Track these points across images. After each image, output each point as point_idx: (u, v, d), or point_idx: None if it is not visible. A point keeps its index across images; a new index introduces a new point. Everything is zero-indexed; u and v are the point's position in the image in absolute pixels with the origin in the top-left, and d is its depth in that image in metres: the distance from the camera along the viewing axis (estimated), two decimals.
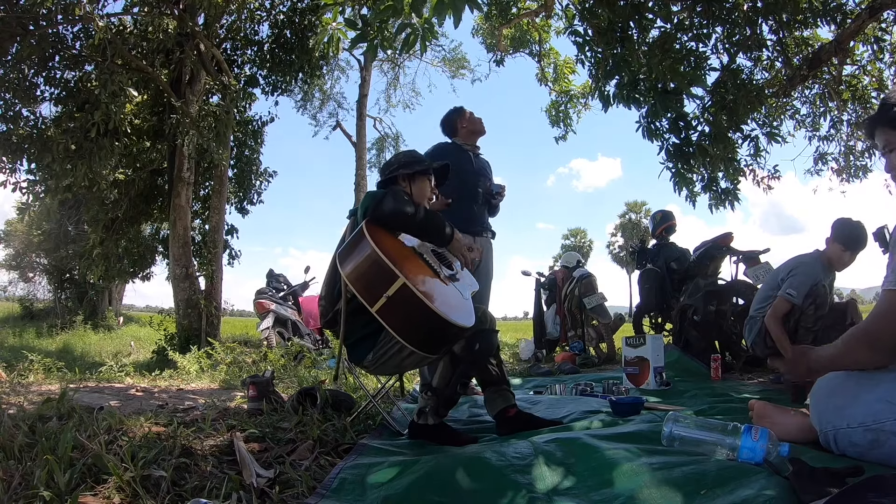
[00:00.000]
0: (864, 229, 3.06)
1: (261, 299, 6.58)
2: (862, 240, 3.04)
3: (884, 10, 4.31)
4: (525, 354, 5.84)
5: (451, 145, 3.19)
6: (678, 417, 1.47)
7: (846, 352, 1.34)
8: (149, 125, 7.47)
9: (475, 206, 3.11)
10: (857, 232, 3.06)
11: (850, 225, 3.07)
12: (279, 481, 1.35)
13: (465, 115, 3.23)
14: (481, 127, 3.24)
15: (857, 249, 3.06)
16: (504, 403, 1.99)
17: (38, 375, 3.91)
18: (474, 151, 3.22)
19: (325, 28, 3.33)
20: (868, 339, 1.28)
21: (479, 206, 3.13)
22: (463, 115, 3.23)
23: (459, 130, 3.23)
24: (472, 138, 3.24)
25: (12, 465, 1.32)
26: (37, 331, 10.72)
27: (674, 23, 4.27)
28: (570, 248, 43.24)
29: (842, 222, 3.08)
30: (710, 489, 1.14)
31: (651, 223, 5.11)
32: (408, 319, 1.58)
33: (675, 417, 1.46)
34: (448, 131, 3.28)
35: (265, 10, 7.54)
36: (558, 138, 7.93)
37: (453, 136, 3.25)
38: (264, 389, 2.36)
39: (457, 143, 3.20)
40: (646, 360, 3.08)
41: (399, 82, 17.04)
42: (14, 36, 5.33)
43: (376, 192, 1.84)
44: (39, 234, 14.21)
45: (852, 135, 6.12)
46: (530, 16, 7.12)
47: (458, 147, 3.18)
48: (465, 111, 3.25)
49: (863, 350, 1.29)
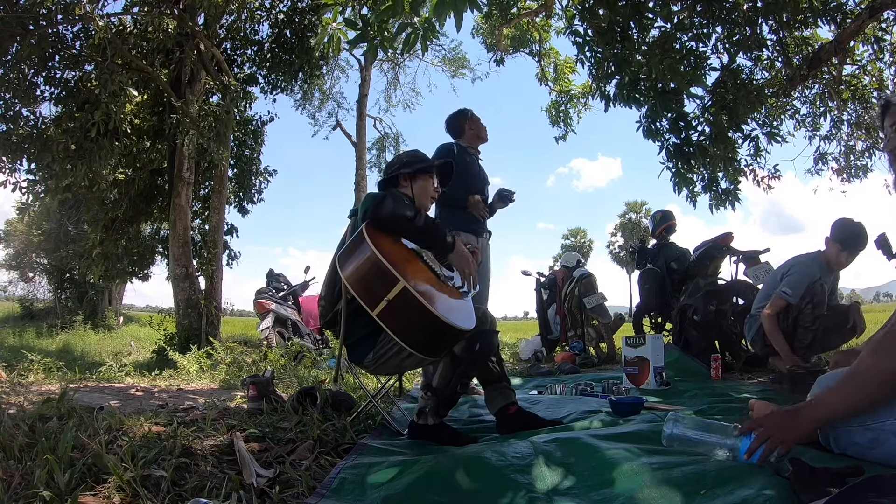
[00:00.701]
0: (864, 230, 3.05)
1: (261, 299, 6.58)
2: (860, 241, 3.04)
3: (884, 9, 4.30)
4: (525, 354, 5.84)
5: (455, 146, 3.20)
6: (678, 418, 1.46)
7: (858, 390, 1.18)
8: (149, 125, 7.47)
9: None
10: (856, 233, 3.06)
11: (849, 226, 3.06)
12: (279, 481, 1.35)
13: (472, 118, 3.26)
14: (485, 134, 3.28)
15: (856, 250, 3.06)
16: (504, 401, 1.99)
17: (38, 375, 3.91)
18: (476, 155, 3.23)
19: (326, 28, 3.33)
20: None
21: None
22: (470, 119, 3.26)
23: (465, 132, 3.25)
24: (476, 142, 3.26)
25: (12, 464, 1.32)
26: (37, 331, 10.73)
27: (674, 22, 4.27)
28: (570, 247, 43.25)
29: (841, 223, 3.08)
30: (710, 489, 1.14)
31: (651, 223, 5.11)
32: (408, 322, 1.58)
33: (675, 418, 1.46)
34: (453, 132, 3.29)
35: (265, 9, 7.54)
36: (558, 138, 7.94)
37: (457, 137, 3.26)
38: (264, 389, 2.36)
39: (461, 145, 3.21)
40: (646, 359, 3.08)
41: (399, 82, 17.08)
42: (14, 36, 5.33)
43: (376, 193, 1.83)
44: (39, 234, 14.21)
45: (852, 135, 6.12)
46: (530, 16, 7.12)
47: (463, 148, 3.19)
48: (473, 115, 3.27)
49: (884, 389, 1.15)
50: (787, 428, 1.21)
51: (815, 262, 3.12)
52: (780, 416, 1.26)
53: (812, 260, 3.13)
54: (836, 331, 3.11)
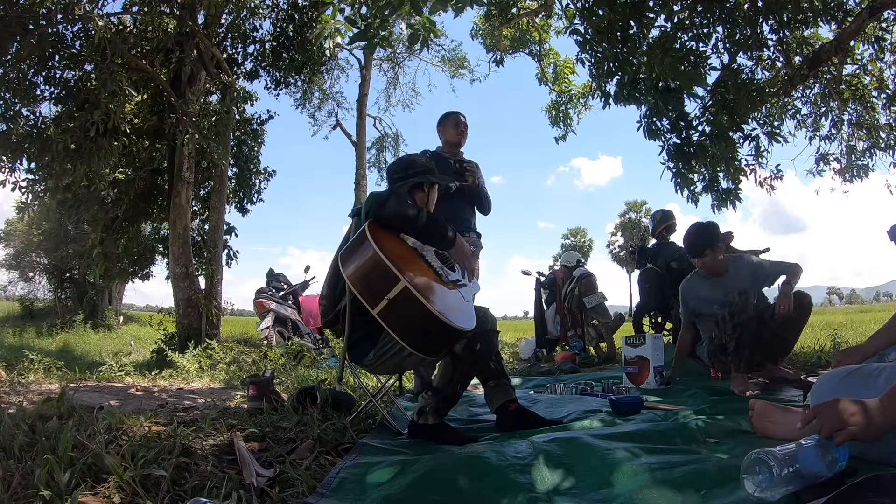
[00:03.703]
0: (691, 232, 2.91)
1: (261, 299, 6.57)
2: (691, 247, 2.91)
3: (884, 9, 4.30)
4: (525, 354, 5.85)
5: (426, 153, 3.23)
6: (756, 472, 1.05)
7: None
8: (149, 124, 7.47)
9: (457, 203, 3.12)
10: (684, 238, 2.99)
11: (685, 235, 2.98)
12: (279, 481, 1.35)
13: (443, 124, 3.29)
14: (456, 139, 3.27)
15: (692, 253, 2.93)
16: (505, 398, 1.99)
17: (38, 375, 3.90)
18: (454, 157, 3.25)
19: (325, 26, 3.34)
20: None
21: (458, 204, 3.14)
22: (443, 126, 3.29)
23: (441, 137, 3.31)
24: (447, 146, 3.28)
25: (12, 464, 1.32)
26: (37, 330, 10.73)
27: (674, 22, 4.27)
28: (570, 247, 43.21)
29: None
30: (709, 489, 1.14)
31: (651, 223, 5.11)
32: (408, 322, 1.58)
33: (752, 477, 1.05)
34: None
35: (266, 7, 7.54)
36: (558, 138, 7.92)
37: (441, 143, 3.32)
38: (264, 389, 2.36)
39: (437, 153, 3.24)
40: (646, 359, 3.08)
41: (399, 82, 17.03)
42: (14, 35, 5.33)
43: (380, 192, 1.85)
44: (39, 234, 14.20)
45: (853, 134, 6.11)
46: (530, 15, 7.11)
47: (440, 155, 3.22)
48: (447, 122, 3.28)
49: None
50: (847, 418, 1.09)
51: (689, 281, 3.04)
52: (844, 405, 1.12)
53: (687, 281, 3.06)
54: (776, 335, 2.79)
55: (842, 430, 1.08)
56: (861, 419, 1.08)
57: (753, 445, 1.38)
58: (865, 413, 1.10)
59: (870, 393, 1.24)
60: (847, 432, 1.07)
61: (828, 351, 4.26)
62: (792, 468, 1.03)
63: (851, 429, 1.08)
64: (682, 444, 1.55)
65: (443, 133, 3.29)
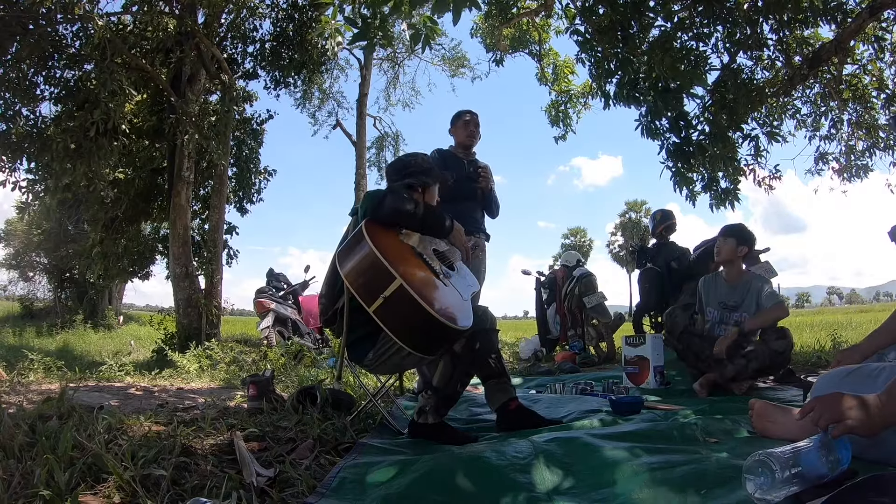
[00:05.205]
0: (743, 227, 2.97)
1: (261, 298, 6.57)
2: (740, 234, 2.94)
3: (884, 9, 4.31)
4: (525, 354, 5.85)
5: (438, 151, 3.23)
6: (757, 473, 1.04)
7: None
8: (148, 124, 7.46)
9: (468, 204, 3.12)
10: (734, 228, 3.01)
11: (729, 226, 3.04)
12: (279, 480, 1.35)
13: (455, 123, 3.28)
14: (466, 140, 3.25)
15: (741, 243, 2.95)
16: (505, 397, 1.99)
17: (38, 374, 3.90)
18: (467, 158, 3.24)
19: (325, 26, 3.34)
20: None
21: (469, 206, 3.13)
22: (454, 127, 3.28)
23: (453, 136, 3.30)
24: (458, 148, 3.27)
25: (12, 464, 1.32)
26: (37, 330, 10.72)
27: (674, 22, 4.27)
28: (570, 247, 43.21)
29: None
30: (709, 489, 1.14)
31: (651, 222, 5.11)
32: (405, 320, 1.58)
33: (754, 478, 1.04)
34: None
35: (266, 7, 7.53)
36: (558, 138, 7.93)
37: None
38: (264, 388, 2.36)
39: (450, 152, 3.24)
40: (646, 359, 3.08)
41: (399, 81, 17.02)
42: (14, 35, 5.33)
43: (377, 191, 1.85)
44: (39, 234, 14.19)
45: (853, 134, 6.11)
46: (530, 15, 7.12)
47: (453, 155, 3.21)
48: (457, 122, 3.27)
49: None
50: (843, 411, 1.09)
51: (710, 277, 3.11)
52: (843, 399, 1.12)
53: (708, 276, 3.14)
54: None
55: (839, 423, 1.08)
56: (859, 413, 1.09)
57: (753, 445, 1.38)
58: (864, 408, 1.10)
59: (868, 391, 1.24)
60: (844, 426, 1.08)
61: (828, 351, 4.26)
62: (793, 470, 1.02)
63: (849, 422, 1.08)
64: (682, 443, 1.55)
65: (454, 133, 3.27)
